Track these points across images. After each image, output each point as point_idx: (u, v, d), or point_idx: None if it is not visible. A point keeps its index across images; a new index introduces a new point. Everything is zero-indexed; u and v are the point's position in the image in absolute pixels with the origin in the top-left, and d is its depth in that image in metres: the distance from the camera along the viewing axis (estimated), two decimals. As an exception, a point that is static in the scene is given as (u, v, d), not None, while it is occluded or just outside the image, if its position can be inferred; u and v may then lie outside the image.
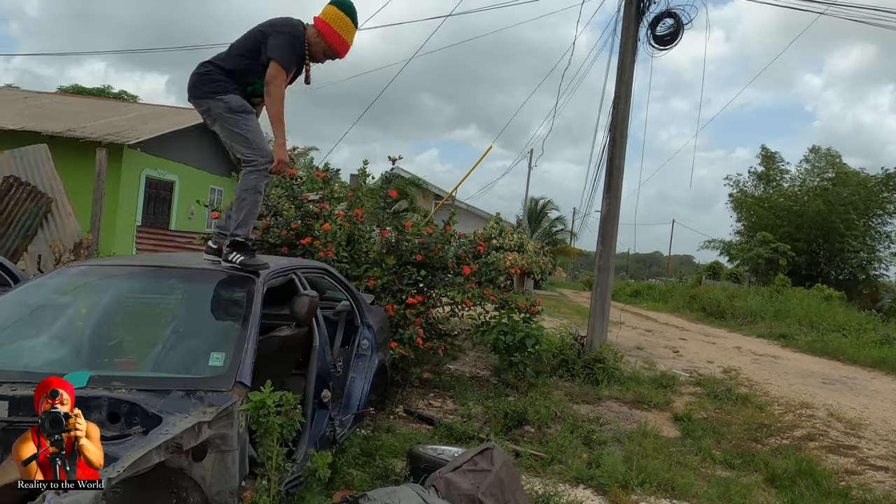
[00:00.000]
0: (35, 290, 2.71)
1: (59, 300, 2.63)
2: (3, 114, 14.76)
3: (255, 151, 3.17)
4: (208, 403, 2.12)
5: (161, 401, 2.07)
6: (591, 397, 6.27)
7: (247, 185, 3.15)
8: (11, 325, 2.45)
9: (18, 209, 7.71)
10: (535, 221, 36.47)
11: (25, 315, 2.55)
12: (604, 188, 7.83)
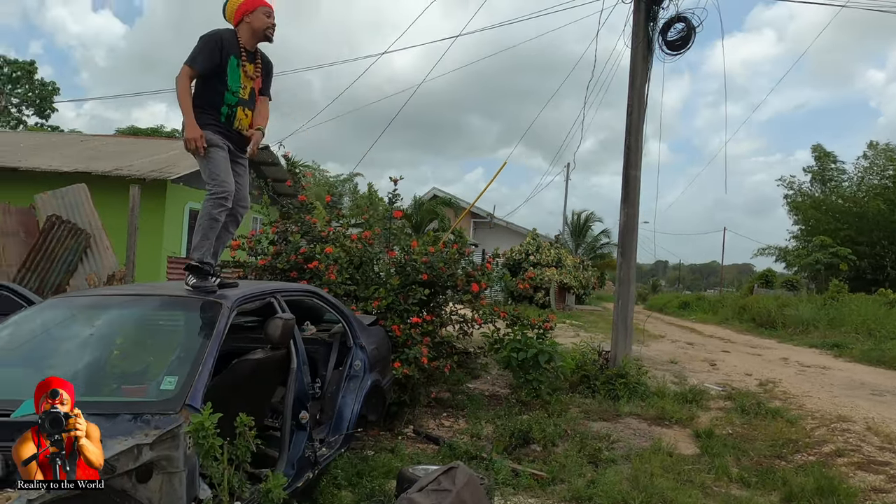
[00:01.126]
0: (16, 322, 2.89)
1: (34, 331, 2.80)
2: (60, 157, 15.81)
3: (213, 182, 3.38)
4: (154, 426, 2.19)
5: (107, 424, 2.15)
6: (610, 414, 6.09)
7: (203, 212, 3.37)
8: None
9: (60, 246, 8.20)
10: (578, 235, 35.92)
11: (11, 346, 2.72)
12: (621, 198, 7.67)
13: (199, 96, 3.46)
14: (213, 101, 3.44)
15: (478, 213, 27.06)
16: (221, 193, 3.36)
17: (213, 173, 3.38)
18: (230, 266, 6.05)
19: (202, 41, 3.42)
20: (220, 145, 3.44)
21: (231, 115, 3.51)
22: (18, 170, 14.16)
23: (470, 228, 26.61)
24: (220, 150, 3.43)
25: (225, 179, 3.39)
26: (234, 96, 3.49)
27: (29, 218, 8.56)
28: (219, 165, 3.40)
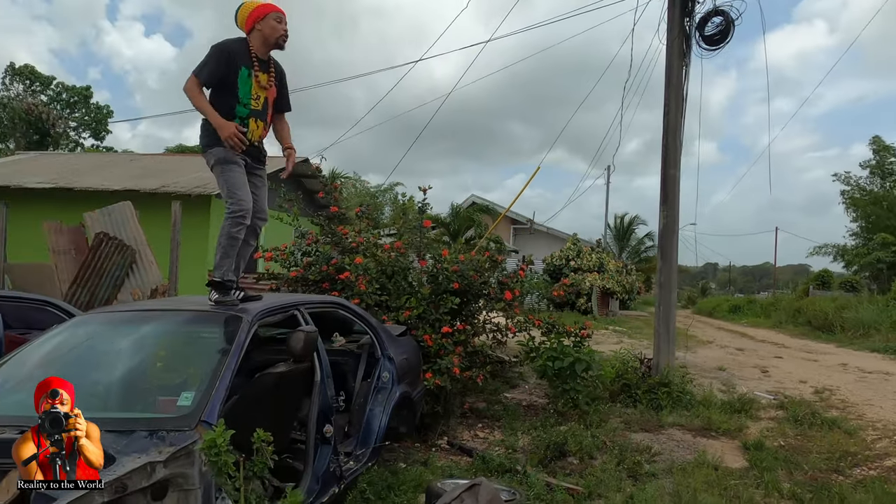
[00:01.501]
0: (44, 340, 2.97)
1: (60, 348, 2.86)
2: (111, 176, 16.49)
3: (231, 201, 3.38)
4: (169, 443, 2.18)
5: (123, 441, 2.16)
6: (652, 425, 5.85)
7: (222, 231, 3.37)
8: (20, 373, 2.68)
9: (108, 262, 8.50)
10: (621, 239, 35.18)
11: (34, 362, 2.79)
12: (660, 200, 7.42)
13: (214, 107, 3.43)
14: (225, 114, 3.40)
15: (517, 220, 26.85)
16: (239, 212, 3.36)
17: (230, 191, 3.38)
18: (265, 278, 6.12)
19: (210, 51, 3.41)
20: (237, 161, 3.44)
21: (243, 127, 3.47)
22: (73, 190, 14.84)
23: (510, 235, 26.41)
24: (236, 166, 3.42)
25: (243, 197, 3.39)
26: (246, 108, 3.48)
27: (79, 236, 8.91)
28: (236, 183, 3.40)
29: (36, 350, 2.89)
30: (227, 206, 3.41)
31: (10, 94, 31.52)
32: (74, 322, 3.14)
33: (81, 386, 2.71)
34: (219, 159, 3.40)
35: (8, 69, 32.08)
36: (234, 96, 3.46)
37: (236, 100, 3.47)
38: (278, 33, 3.52)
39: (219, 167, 3.40)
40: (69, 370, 2.77)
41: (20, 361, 2.79)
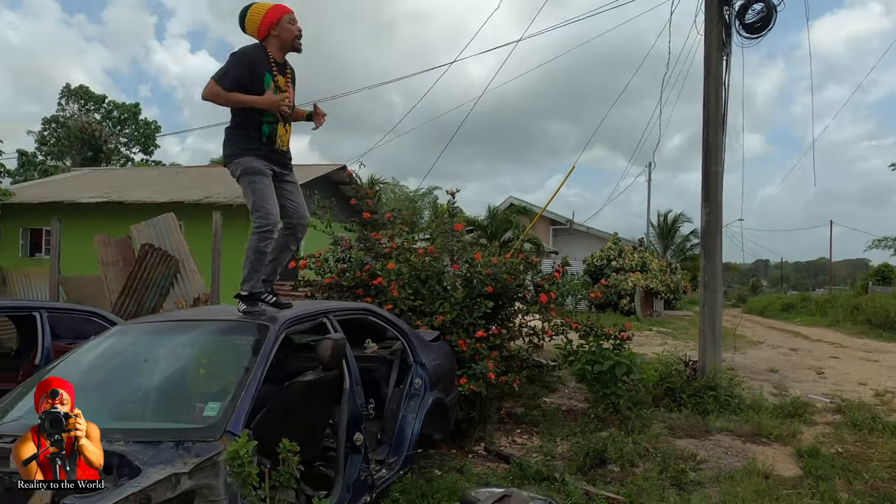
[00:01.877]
0: (83, 350, 3.04)
1: (94, 358, 2.92)
2: (158, 189, 17.08)
3: (257, 214, 3.33)
4: (195, 454, 2.19)
5: (150, 452, 2.17)
6: (698, 430, 5.62)
7: (249, 246, 3.32)
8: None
9: (153, 272, 8.77)
10: (665, 237, 34.31)
11: (70, 374, 2.86)
12: (701, 196, 7.15)
13: (240, 119, 3.44)
14: (254, 121, 3.40)
15: (556, 220, 26.50)
16: (266, 226, 3.32)
17: (257, 204, 3.33)
18: (301, 285, 6.18)
19: (231, 59, 3.38)
20: (264, 172, 3.40)
21: (272, 133, 3.46)
22: (123, 203, 15.44)
23: (549, 236, 26.09)
24: (264, 177, 3.39)
25: (270, 211, 3.35)
26: (273, 114, 3.44)
27: (126, 247, 9.23)
28: (263, 196, 3.35)
29: (72, 361, 2.96)
30: (253, 219, 3.36)
31: (66, 113, 33.10)
32: (110, 333, 3.21)
33: (112, 396, 2.76)
34: (245, 169, 3.36)
35: (63, 90, 33.73)
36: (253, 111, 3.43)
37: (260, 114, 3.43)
38: (293, 34, 3.49)
39: (246, 178, 3.37)
40: (101, 381, 2.83)
41: (58, 372, 2.86)
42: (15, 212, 17.17)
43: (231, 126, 3.46)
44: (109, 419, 2.55)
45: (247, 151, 3.37)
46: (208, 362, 2.91)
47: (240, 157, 3.37)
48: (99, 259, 9.05)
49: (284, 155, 3.60)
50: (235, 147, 3.40)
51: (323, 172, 18.02)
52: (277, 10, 3.47)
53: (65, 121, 32.10)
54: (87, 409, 2.63)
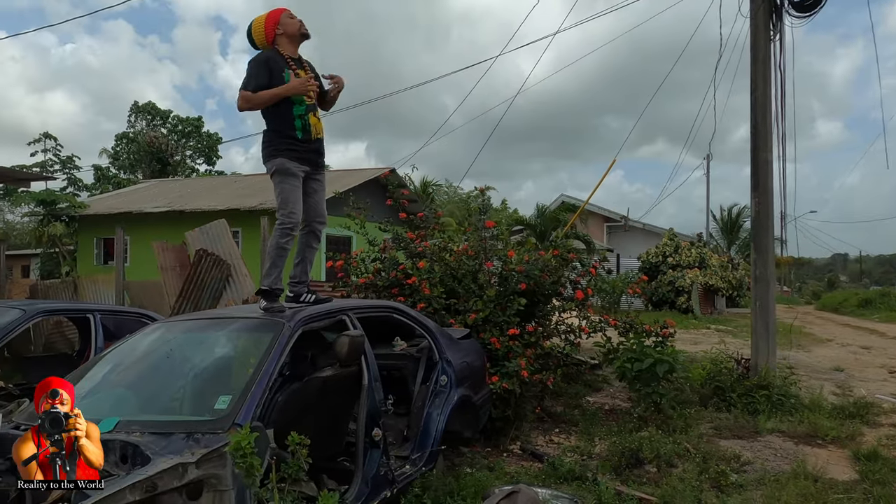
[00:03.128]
0: (116, 347, 3.23)
1: (127, 354, 3.09)
2: (217, 197, 17.85)
3: (282, 212, 3.50)
4: (203, 445, 2.27)
5: (163, 443, 2.28)
6: (747, 431, 5.36)
7: (271, 242, 3.51)
8: (87, 380, 2.93)
9: (207, 276, 9.17)
10: (728, 232, 32.92)
11: (100, 370, 3.04)
12: (750, 186, 6.82)
13: (273, 119, 3.59)
14: (286, 118, 3.54)
15: (611, 217, 25.91)
16: (288, 224, 3.48)
17: (284, 201, 3.50)
18: (339, 285, 6.30)
19: (251, 66, 3.56)
20: (295, 174, 3.55)
21: (306, 125, 3.59)
22: (184, 212, 16.23)
23: (603, 233, 25.53)
24: (293, 178, 3.54)
25: (294, 210, 3.51)
26: (302, 105, 3.58)
27: (182, 253, 9.70)
28: (290, 195, 3.51)
29: (105, 358, 3.15)
30: (277, 216, 3.53)
31: (135, 129, 35.13)
32: (140, 331, 3.39)
33: (135, 389, 2.91)
34: (279, 169, 3.53)
35: (132, 107, 35.81)
36: (289, 99, 3.57)
37: (291, 102, 3.58)
38: (296, 25, 3.66)
39: (278, 177, 3.54)
40: (126, 375, 2.99)
41: (94, 369, 3.05)
42: (90, 223, 18.38)
43: (267, 129, 3.63)
44: (130, 411, 2.69)
45: (282, 152, 3.53)
46: (224, 357, 3.02)
47: (275, 158, 3.55)
48: (158, 264, 9.55)
49: (319, 146, 3.71)
50: (270, 148, 3.57)
51: (371, 176, 18.35)
52: (274, 12, 3.68)
53: (134, 136, 34.07)
54: (112, 402, 2.80)
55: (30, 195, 18.23)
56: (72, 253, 18.92)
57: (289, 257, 3.67)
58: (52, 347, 7.70)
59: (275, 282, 3.45)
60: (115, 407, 2.74)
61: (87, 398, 2.88)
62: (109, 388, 2.92)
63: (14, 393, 4.65)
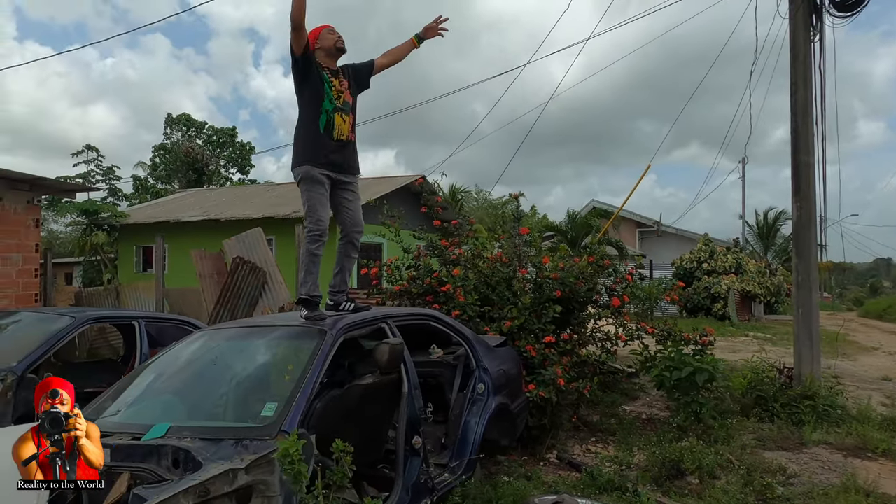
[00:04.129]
0: (164, 355, 3.31)
1: (173, 362, 3.18)
2: (251, 206, 18.20)
3: (309, 219, 3.59)
4: (252, 451, 2.32)
5: (213, 449, 2.33)
6: (792, 443, 5.21)
7: (302, 250, 3.58)
8: (137, 386, 3.02)
9: (244, 283, 9.35)
10: (765, 237, 32.14)
11: (152, 376, 3.12)
12: (791, 190, 6.66)
13: (302, 112, 3.70)
14: (314, 110, 3.63)
15: (643, 222, 25.54)
16: (316, 230, 3.57)
17: (311, 209, 3.59)
18: (374, 293, 6.36)
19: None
20: (321, 181, 3.62)
21: (330, 123, 3.66)
22: (220, 220, 16.58)
23: (635, 239, 25.18)
24: (318, 185, 3.62)
25: (320, 217, 3.59)
26: (332, 103, 3.67)
27: (219, 261, 9.90)
28: (316, 203, 3.59)
29: (153, 365, 3.24)
30: (305, 224, 3.63)
31: (171, 140, 36.10)
32: (186, 339, 3.47)
33: (183, 396, 2.98)
34: (304, 177, 3.62)
35: (167, 119, 36.82)
36: (320, 95, 3.68)
37: (322, 96, 3.68)
38: (334, 40, 3.76)
39: (304, 184, 3.62)
40: (174, 382, 3.06)
41: (140, 377, 3.14)
42: (130, 232, 18.91)
43: (298, 122, 3.72)
44: (179, 417, 2.76)
45: (308, 161, 3.62)
46: (269, 365, 3.07)
47: (301, 166, 3.64)
48: (197, 272, 9.77)
49: (344, 149, 3.74)
50: (299, 157, 3.67)
51: (403, 183, 18.48)
52: (315, 29, 3.77)
53: (171, 147, 35.01)
54: (162, 408, 2.87)
55: (73, 205, 18.86)
56: (112, 261, 19.49)
57: (327, 266, 3.74)
58: (95, 353, 7.95)
59: (311, 289, 3.52)
60: (165, 413, 2.82)
61: (138, 404, 2.98)
62: (158, 395, 3.00)
63: (64, 397, 4.81)
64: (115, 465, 2.39)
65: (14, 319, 5.08)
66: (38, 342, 4.44)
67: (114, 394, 3.11)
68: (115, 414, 2.89)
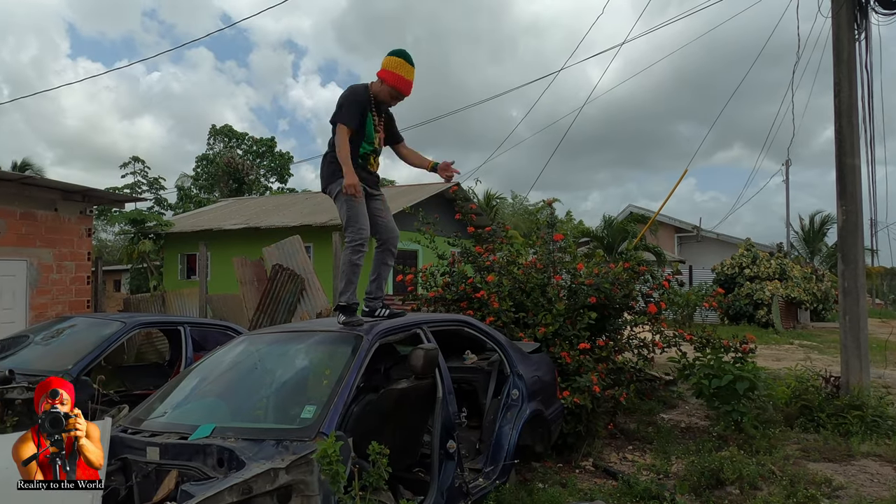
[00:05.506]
0: (209, 358, 3.45)
1: (218, 365, 3.30)
2: (289, 214, 18.61)
3: (350, 230, 3.66)
4: (292, 452, 2.40)
5: (255, 449, 2.42)
6: (839, 454, 5.05)
7: (344, 259, 3.66)
8: (183, 388, 3.16)
9: (283, 290, 9.58)
10: (812, 241, 31.10)
11: (197, 379, 3.26)
12: (836, 193, 6.47)
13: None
14: (354, 147, 3.77)
15: (682, 227, 25.06)
16: (358, 240, 3.65)
17: (351, 219, 3.67)
18: (409, 299, 6.44)
19: (347, 99, 3.76)
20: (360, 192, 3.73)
21: (366, 159, 3.84)
22: (259, 228, 17.01)
23: (674, 244, 24.71)
24: (359, 197, 3.71)
25: (362, 226, 3.68)
26: (370, 145, 3.83)
27: (259, 268, 10.16)
28: (357, 213, 3.68)
29: (198, 368, 3.37)
30: (346, 234, 3.69)
31: (213, 151, 37.22)
32: (229, 343, 3.61)
33: (227, 397, 3.10)
34: (342, 189, 3.71)
35: (210, 130, 37.98)
36: (362, 136, 3.81)
37: (363, 138, 3.81)
38: (388, 102, 3.88)
39: (343, 196, 3.71)
40: (219, 384, 3.19)
41: (186, 379, 3.28)
42: (174, 240, 19.57)
43: (330, 151, 3.82)
44: (223, 418, 2.87)
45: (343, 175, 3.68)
46: (308, 369, 3.17)
47: (338, 179, 3.71)
48: (238, 278, 10.05)
49: (374, 175, 3.95)
50: (336, 174, 3.74)
51: (437, 190, 18.61)
52: (402, 82, 3.78)
53: (213, 157, 36.09)
54: (207, 410, 2.99)
55: (122, 215, 19.65)
56: (158, 268, 20.18)
57: (363, 273, 3.84)
58: (142, 357, 8.26)
59: (351, 297, 3.62)
60: (210, 414, 2.94)
61: (184, 405, 3.11)
62: (203, 397, 3.13)
63: (115, 399, 5.03)
64: (164, 462, 2.51)
65: (70, 324, 5.34)
66: (91, 346, 4.68)
67: (162, 395, 3.26)
68: (163, 415, 3.03)
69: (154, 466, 2.54)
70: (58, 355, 4.71)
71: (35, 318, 8.35)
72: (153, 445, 2.57)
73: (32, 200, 8.66)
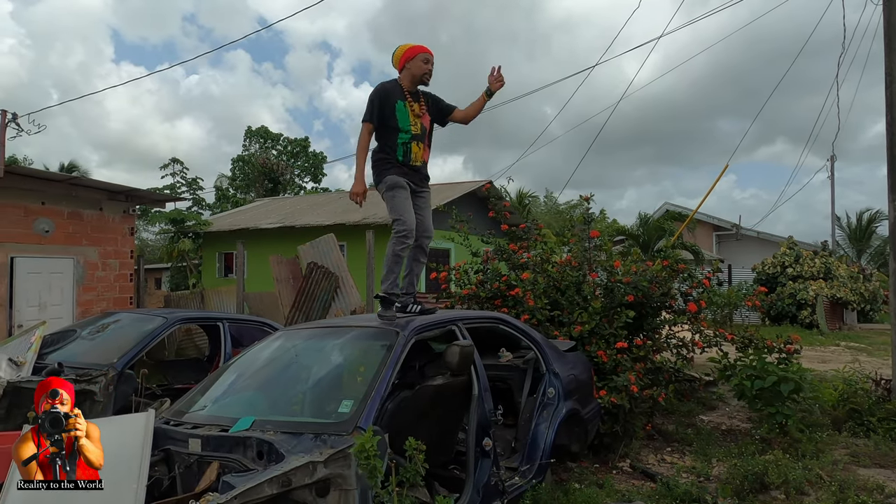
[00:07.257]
0: (247, 353, 3.51)
1: (255, 360, 3.35)
2: (323, 213, 18.84)
3: (396, 222, 3.74)
4: (330, 446, 2.41)
5: (294, 442, 2.44)
6: (891, 460, 4.84)
7: (388, 250, 3.71)
8: (223, 382, 3.21)
9: (318, 288, 9.69)
10: (859, 240, 29.99)
11: (236, 373, 3.31)
12: (888, 187, 6.20)
13: (380, 142, 3.92)
14: (390, 143, 3.86)
15: (721, 226, 24.44)
16: (403, 231, 3.71)
17: (397, 212, 3.75)
18: (443, 296, 6.43)
19: (370, 96, 3.91)
20: (403, 186, 3.82)
21: (406, 151, 3.88)
22: (294, 227, 17.26)
23: (712, 243, 24.12)
24: (403, 190, 3.80)
25: (407, 219, 3.74)
26: (407, 134, 3.87)
27: (294, 266, 10.31)
28: (402, 205, 3.76)
29: (237, 363, 3.43)
30: (393, 226, 3.78)
31: (249, 151, 37.94)
32: (268, 338, 3.66)
33: (266, 392, 3.14)
34: (389, 185, 3.82)
35: (247, 131, 38.72)
36: (395, 128, 3.88)
37: (397, 130, 3.88)
38: (423, 71, 3.93)
39: (389, 192, 3.82)
40: (258, 379, 3.23)
41: (225, 374, 3.33)
42: (212, 239, 20.02)
43: (376, 149, 3.93)
44: (262, 412, 2.91)
45: (390, 171, 3.83)
46: (345, 364, 3.19)
47: (385, 177, 3.84)
48: (274, 276, 10.21)
49: (419, 171, 3.99)
50: (380, 168, 3.88)
51: (470, 189, 18.59)
52: (416, 48, 3.94)
53: (249, 158, 36.79)
54: (246, 403, 3.03)
55: (162, 215, 20.20)
56: (197, 266, 20.68)
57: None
58: (182, 353, 8.46)
59: (390, 287, 3.71)
60: (249, 407, 2.98)
61: (224, 399, 3.16)
62: (242, 391, 3.18)
63: (157, 393, 5.17)
64: (205, 454, 2.56)
65: (114, 319, 5.51)
66: (134, 341, 4.81)
67: (202, 389, 3.32)
68: (203, 408, 3.09)
69: (196, 458, 2.59)
70: (104, 349, 4.86)
71: (81, 314, 8.65)
72: (195, 437, 2.62)
73: (79, 201, 8.98)
